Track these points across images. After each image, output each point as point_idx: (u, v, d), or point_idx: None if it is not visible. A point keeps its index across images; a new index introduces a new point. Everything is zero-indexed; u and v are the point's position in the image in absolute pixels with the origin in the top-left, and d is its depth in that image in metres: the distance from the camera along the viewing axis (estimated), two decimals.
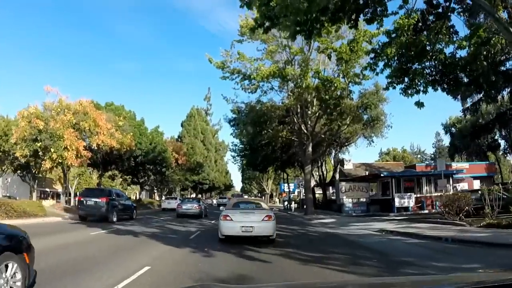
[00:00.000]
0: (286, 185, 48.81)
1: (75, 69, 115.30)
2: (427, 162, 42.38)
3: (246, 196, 52.59)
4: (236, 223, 10.07)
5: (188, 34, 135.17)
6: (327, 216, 25.90)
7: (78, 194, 25.42)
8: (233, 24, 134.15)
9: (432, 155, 73.43)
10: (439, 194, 20.70)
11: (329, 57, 23.65)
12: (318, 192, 43.92)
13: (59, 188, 57.12)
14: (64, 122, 22.15)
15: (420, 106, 13.95)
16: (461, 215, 15.12)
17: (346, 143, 30.92)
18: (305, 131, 27.58)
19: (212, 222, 18.67)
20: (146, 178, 40.22)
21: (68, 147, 21.24)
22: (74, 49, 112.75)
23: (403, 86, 14.09)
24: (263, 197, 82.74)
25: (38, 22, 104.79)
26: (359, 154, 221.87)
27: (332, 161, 31.64)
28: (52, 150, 21.45)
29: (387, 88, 14.90)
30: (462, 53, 13.78)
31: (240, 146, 39.21)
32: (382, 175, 25.77)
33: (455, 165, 35.00)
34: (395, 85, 14.30)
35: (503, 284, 1.77)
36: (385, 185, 28.06)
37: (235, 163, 47.33)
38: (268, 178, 77.99)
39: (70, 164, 22.35)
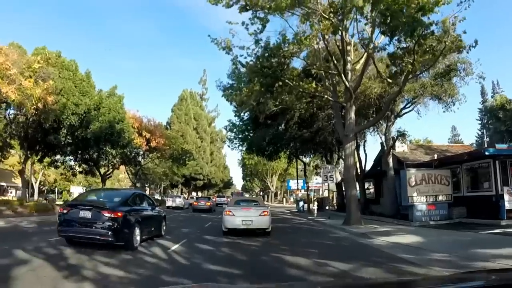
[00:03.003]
0: (296, 180, 38.62)
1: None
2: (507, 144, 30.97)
3: (247, 195, 49.38)
4: (237, 217, 11.80)
5: (189, 31, 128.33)
6: (389, 228, 14.89)
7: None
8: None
9: None
10: None
11: None
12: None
13: (19, 182, 46.84)
14: None
15: None
16: None
17: (405, 110, 19.87)
18: (346, 83, 16.54)
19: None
20: (109, 167, 28.64)
21: None
22: (73, 47, 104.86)
23: None
24: (266, 196, 72.22)
25: (38, 21, 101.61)
26: (369, 146, 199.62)
27: (383, 138, 20.46)
28: None
29: None
30: None
31: (240, 123, 28.14)
32: (487, 153, 14.73)
33: None
34: None
35: (504, 284, 1.76)
36: (474, 173, 17.10)
37: (232, 148, 36.35)
38: (273, 173, 66.86)
39: None
